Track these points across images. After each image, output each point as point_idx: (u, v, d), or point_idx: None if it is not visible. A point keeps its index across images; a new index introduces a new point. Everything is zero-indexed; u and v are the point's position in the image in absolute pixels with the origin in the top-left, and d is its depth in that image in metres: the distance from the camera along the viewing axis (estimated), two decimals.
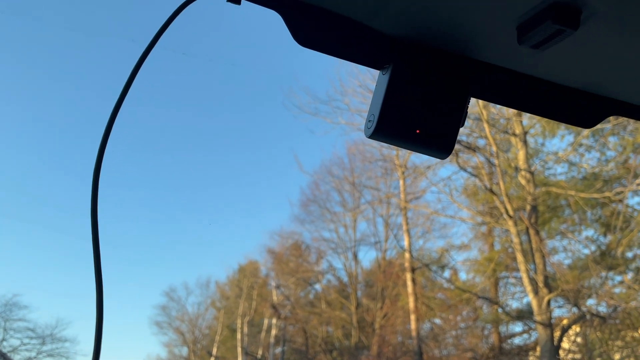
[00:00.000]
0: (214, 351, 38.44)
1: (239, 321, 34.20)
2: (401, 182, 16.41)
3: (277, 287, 29.09)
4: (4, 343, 27.19)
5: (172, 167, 42.63)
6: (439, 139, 0.71)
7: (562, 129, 12.75)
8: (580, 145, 12.03)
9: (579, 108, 0.80)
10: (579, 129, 11.95)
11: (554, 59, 0.71)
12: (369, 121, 0.71)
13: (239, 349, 32.99)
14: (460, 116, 0.73)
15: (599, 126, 11.20)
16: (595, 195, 11.03)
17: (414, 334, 15.19)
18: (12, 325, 26.96)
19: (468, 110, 0.74)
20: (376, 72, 0.74)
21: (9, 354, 28.46)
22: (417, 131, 0.70)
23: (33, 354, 27.99)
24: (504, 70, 0.76)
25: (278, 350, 28.61)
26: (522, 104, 0.80)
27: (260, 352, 32.89)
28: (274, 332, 29.59)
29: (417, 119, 0.70)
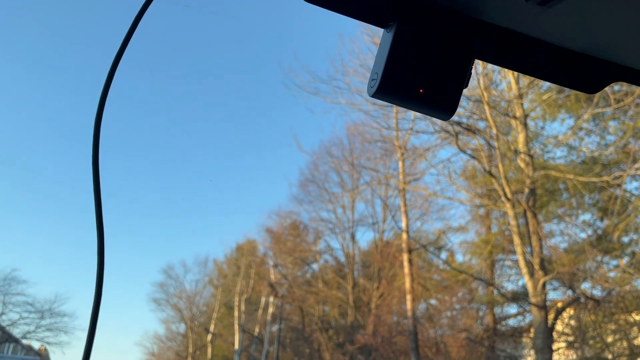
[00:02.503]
0: (211, 328, 38.80)
1: (236, 299, 34.48)
2: (400, 163, 16.41)
3: (275, 266, 29.26)
4: (3, 317, 27.41)
5: (169, 145, 42.43)
6: (442, 100, 0.71)
7: (563, 112, 12.72)
8: (581, 129, 12.01)
9: (583, 73, 0.79)
10: (580, 112, 11.85)
11: (559, 21, 0.70)
12: (372, 80, 0.70)
13: (236, 327, 33.32)
14: (464, 77, 0.72)
15: (599, 110, 11.16)
16: (594, 179, 11.05)
17: (409, 314, 15.33)
18: (11, 300, 27.15)
19: (472, 71, 0.74)
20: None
21: (7, 328, 28.71)
22: (421, 90, 0.69)
23: (32, 328, 28.25)
24: (509, 32, 0.75)
25: (275, 328, 28.90)
26: (526, 67, 0.79)
27: (257, 329, 33.23)
28: (270, 310, 29.84)
29: (421, 78, 0.70)
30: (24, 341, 31.08)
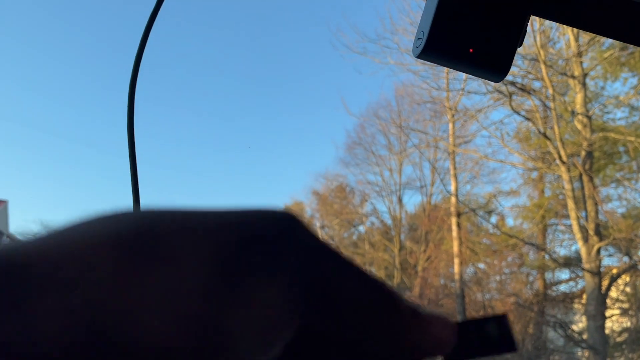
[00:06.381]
0: None
1: None
2: (450, 125, 16.05)
3: (322, 227, 29.65)
4: None
5: (216, 105, 43.12)
6: (494, 60, 0.66)
7: (626, 71, 12.03)
8: None
9: None
10: None
11: None
12: (418, 39, 0.66)
13: None
14: (518, 35, 0.67)
15: None
16: None
17: (457, 277, 15.30)
18: None
19: (527, 28, 0.68)
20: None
21: None
22: (471, 50, 0.65)
23: None
24: None
25: None
26: (589, 24, 0.73)
27: None
28: None
29: (471, 36, 0.65)
30: None
